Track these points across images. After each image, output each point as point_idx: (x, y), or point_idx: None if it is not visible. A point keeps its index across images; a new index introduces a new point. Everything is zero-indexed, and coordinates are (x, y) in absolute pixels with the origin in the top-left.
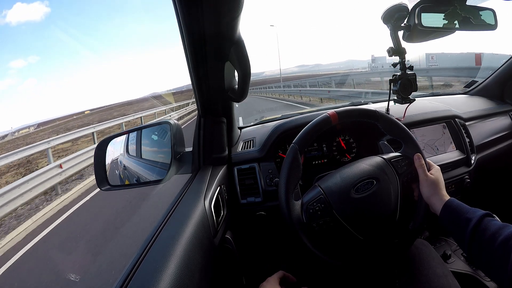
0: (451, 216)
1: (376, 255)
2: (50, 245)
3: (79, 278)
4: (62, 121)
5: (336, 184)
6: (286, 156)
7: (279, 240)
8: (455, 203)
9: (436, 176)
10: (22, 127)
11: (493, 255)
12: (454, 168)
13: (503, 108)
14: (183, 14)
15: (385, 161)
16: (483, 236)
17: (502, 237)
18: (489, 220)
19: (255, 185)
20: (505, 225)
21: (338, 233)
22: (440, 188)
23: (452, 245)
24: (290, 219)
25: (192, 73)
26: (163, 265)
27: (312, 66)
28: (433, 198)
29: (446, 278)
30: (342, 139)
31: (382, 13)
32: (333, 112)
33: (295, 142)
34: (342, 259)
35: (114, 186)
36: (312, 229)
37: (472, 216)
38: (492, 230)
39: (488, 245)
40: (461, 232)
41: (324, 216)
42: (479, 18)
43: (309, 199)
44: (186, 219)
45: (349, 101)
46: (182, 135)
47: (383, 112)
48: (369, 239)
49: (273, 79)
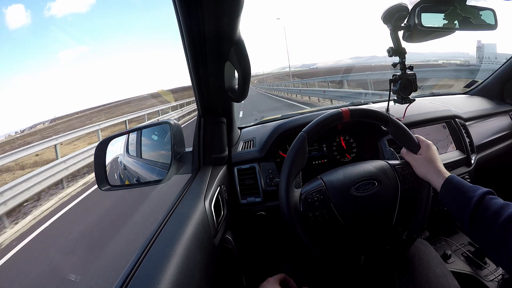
0: (452, 194)
1: (367, 259)
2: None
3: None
4: (68, 118)
5: (338, 179)
6: (294, 142)
7: (279, 240)
8: (456, 180)
9: (427, 154)
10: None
11: (494, 234)
12: (454, 168)
13: (503, 108)
14: (183, 14)
15: (390, 166)
16: (484, 215)
17: (504, 216)
18: (491, 198)
19: (255, 185)
20: (506, 204)
21: (332, 228)
22: (435, 164)
23: (452, 245)
24: (287, 204)
25: (192, 73)
26: (163, 265)
27: (367, 58)
28: (430, 175)
29: (445, 278)
30: (342, 139)
31: (382, 13)
32: (346, 109)
33: (305, 131)
34: (331, 256)
35: (114, 186)
36: (307, 218)
37: (473, 194)
38: (494, 209)
39: (489, 225)
40: (462, 210)
41: (321, 207)
42: (479, 18)
43: (309, 188)
44: (186, 219)
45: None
46: (182, 135)
47: (395, 118)
48: (362, 240)
49: (328, 70)
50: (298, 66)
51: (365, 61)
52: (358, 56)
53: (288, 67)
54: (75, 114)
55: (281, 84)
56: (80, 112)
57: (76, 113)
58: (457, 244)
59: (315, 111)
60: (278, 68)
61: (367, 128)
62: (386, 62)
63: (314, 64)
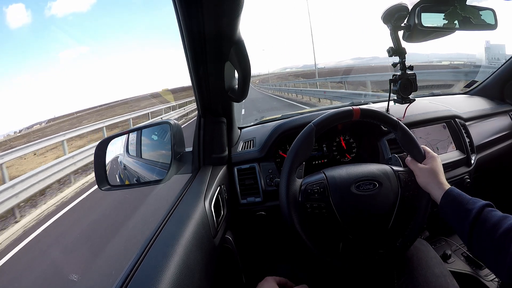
0: (451, 206)
1: (359, 260)
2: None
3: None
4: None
5: (340, 175)
6: (301, 132)
7: (279, 240)
8: (456, 192)
9: (431, 165)
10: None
11: (493, 246)
12: (454, 168)
13: (503, 108)
14: (183, 14)
15: (392, 171)
16: (484, 227)
17: (503, 228)
18: (490, 211)
19: (255, 185)
20: (505, 216)
21: (328, 223)
22: (437, 176)
23: (452, 245)
24: (287, 192)
25: (192, 73)
26: (163, 265)
27: (369, 59)
28: (431, 186)
29: (444, 278)
30: (342, 138)
31: (382, 13)
32: (357, 108)
33: (314, 123)
34: (323, 251)
35: (114, 186)
36: (305, 209)
37: (472, 206)
38: (493, 221)
39: (488, 236)
40: (461, 222)
41: (320, 200)
42: (479, 18)
43: (310, 180)
44: (186, 219)
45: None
46: (182, 135)
47: (404, 125)
48: (356, 240)
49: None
50: (300, 66)
51: (366, 62)
52: (359, 57)
53: (288, 68)
54: (71, 114)
55: (285, 84)
56: (75, 113)
57: (71, 114)
58: (457, 244)
59: (315, 111)
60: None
61: (367, 128)
62: (387, 63)
63: (318, 65)
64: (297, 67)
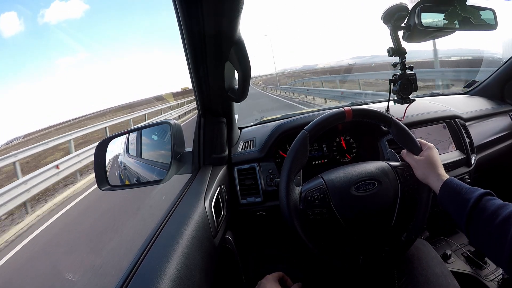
0: (450, 196)
1: (366, 259)
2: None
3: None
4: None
5: (338, 178)
6: (295, 140)
7: (279, 240)
8: (454, 182)
9: (428, 156)
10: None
11: (491, 234)
12: (454, 168)
13: (503, 108)
14: (183, 14)
15: (390, 167)
16: (482, 216)
17: (501, 217)
18: (488, 199)
19: (255, 185)
20: (504, 204)
21: (332, 227)
22: (435, 166)
23: (452, 245)
24: (287, 202)
25: (192, 73)
26: (163, 265)
27: (369, 58)
28: (430, 178)
29: (445, 278)
30: (342, 139)
31: (382, 13)
32: (349, 108)
33: (306, 129)
34: (331, 256)
35: (114, 186)
36: (307, 216)
37: (471, 195)
38: (491, 209)
39: (486, 225)
40: (460, 212)
41: (321, 206)
42: (479, 18)
43: (309, 187)
44: (186, 219)
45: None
46: (182, 135)
47: (397, 119)
48: (361, 240)
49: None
50: (299, 67)
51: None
52: (359, 56)
53: (288, 69)
54: (65, 122)
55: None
56: (76, 118)
57: (68, 121)
58: (457, 244)
59: (315, 111)
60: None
61: (367, 128)
62: (388, 61)
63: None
64: (296, 68)
